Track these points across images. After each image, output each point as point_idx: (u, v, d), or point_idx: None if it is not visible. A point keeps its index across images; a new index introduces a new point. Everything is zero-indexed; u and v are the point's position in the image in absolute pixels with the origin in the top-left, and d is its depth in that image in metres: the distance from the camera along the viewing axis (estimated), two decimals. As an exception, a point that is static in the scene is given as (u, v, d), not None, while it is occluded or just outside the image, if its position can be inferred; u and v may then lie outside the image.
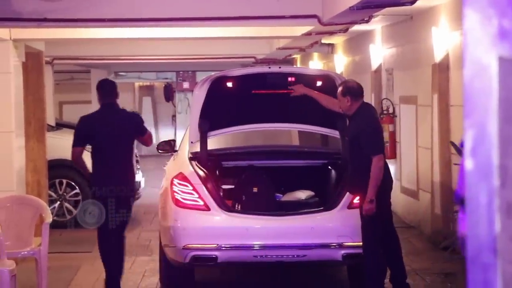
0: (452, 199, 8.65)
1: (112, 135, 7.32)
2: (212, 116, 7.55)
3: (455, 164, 8.71)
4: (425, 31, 10.13)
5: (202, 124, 7.48)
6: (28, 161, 9.94)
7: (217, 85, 7.43)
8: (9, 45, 8.97)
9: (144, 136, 7.49)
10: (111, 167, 7.24)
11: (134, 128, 7.45)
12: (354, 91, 6.83)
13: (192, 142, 7.54)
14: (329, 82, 7.51)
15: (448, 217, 9.02)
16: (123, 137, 7.38)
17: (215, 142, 7.95)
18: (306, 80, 7.56)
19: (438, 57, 9.60)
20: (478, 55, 1.61)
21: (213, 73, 7.79)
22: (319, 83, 7.60)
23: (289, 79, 7.53)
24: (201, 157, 7.57)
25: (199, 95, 7.47)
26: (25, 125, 9.77)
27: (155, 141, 30.87)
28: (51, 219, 7.40)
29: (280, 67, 7.77)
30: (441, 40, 9.51)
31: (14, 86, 9.05)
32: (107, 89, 7.55)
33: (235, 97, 7.68)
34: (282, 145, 8.71)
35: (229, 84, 7.51)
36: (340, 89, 6.91)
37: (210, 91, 7.42)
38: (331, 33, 10.87)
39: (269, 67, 7.74)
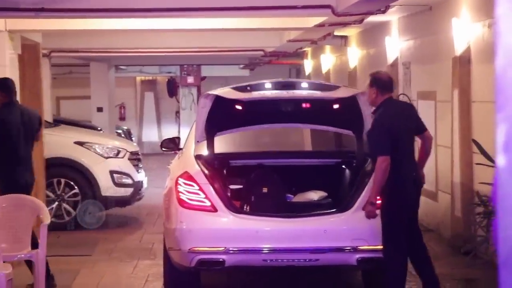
0: (474, 201, 8.62)
1: (20, 133, 7.67)
2: (219, 120, 7.52)
3: (477, 163, 8.68)
4: (445, 23, 10.09)
5: (209, 124, 7.44)
6: (25, 159, 9.92)
7: (223, 103, 7.35)
8: (4, 36, 8.98)
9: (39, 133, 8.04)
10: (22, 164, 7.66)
11: (39, 125, 7.88)
12: (381, 83, 6.85)
13: (198, 142, 7.53)
14: (352, 105, 7.31)
15: (470, 220, 8.99)
16: (30, 134, 7.76)
17: (222, 144, 7.92)
18: (325, 106, 7.49)
19: (458, 50, 9.57)
20: (511, 43, 1.59)
21: (220, 89, 7.50)
22: (339, 106, 7.49)
23: (304, 105, 7.48)
24: (207, 156, 7.56)
25: (204, 109, 7.38)
26: (21, 121, 9.76)
27: (157, 139, 31.01)
28: (49, 221, 7.39)
29: (294, 91, 7.33)
30: (462, 32, 9.47)
31: (10, 79, 9.04)
32: (12, 88, 7.71)
33: (244, 113, 7.64)
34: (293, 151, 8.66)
35: (238, 107, 7.44)
36: (369, 79, 7.00)
37: (216, 105, 7.35)
38: (345, 24, 10.85)
39: (287, 91, 7.31)
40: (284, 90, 7.31)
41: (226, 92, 7.35)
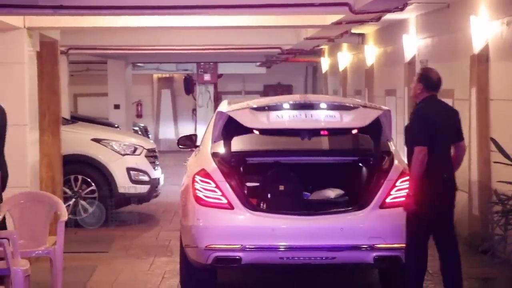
0: (492, 199, 8.59)
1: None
2: (235, 130, 7.56)
3: (495, 162, 8.64)
4: (463, 20, 10.05)
5: (225, 131, 7.47)
6: (42, 156, 9.99)
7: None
8: (23, 33, 9.01)
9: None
10: None
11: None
12: (429, 82, 6.88)
13: (214, 142, 7.53)
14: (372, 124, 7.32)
15: (487, 219, 8.95)
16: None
17: (239, 142, 7.91)
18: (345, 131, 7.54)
19: (477, 48, 9.53)
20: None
21: (237, 105, 7.41)
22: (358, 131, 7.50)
23: (322, 132, 7.45)
24: (224, 153, 7.57)
25: (220, 122, 7.41)
26: (39, 118, 9.82)
27: (174, 136, 31.00)
28: (66, 217, 7.43)
29: (312, 114, 7.21)
30: (480, 30, 9.43)
31: (28, 76, 9.09)
32: None
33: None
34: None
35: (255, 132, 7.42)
36: (419, 73, 7.03)
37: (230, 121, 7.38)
38: (362, 22, 10.81)
39: (305, 114, 7.19)
40: (302, 111, 7.20)
41: (242, 114, 7.21)
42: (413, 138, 6.78)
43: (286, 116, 7.19)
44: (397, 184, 7.14)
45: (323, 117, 7.19)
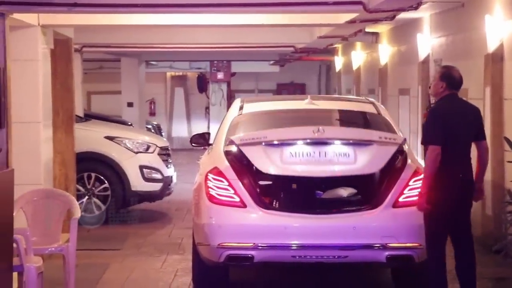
0: (505, 199, 8.56)
1: None
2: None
3: (509, 161, 8.62)
4: (478, 19, 10.03)
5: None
6: (56, 154, 10.03)
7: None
8: (37, 31, 9.04)
9: None
10: None
11: None
12: (452, 80, 6.86)
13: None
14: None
15: (501, 219, 8.93)
16: None
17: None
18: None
19: (491, 47, 9.50)
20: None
21: (248, 136, 7.40)
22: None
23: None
24: (237, 151, 7.57)
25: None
26: (53, 116, 9.86)
27: (187, 134, 31.07)
28: (79, 215, 7.46)
29: (327, 152, 7.20)
30: (495, 29, 9.40)
31: (42, 74, 9.13)
32: None
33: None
34: None
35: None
36: (441, 71, 6.99)
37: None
38: (376, 21, 10.81)
39: (319, 153, 7.19)
40: (316, 148, 7.17)
41: (255, 151, 7.18)
42: (428, 136, 6.78)
43: (299, 155, 7.15)
44: (410, 183, 7.12)
45: (337, 157, 7.15)
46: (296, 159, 7.17)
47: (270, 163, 7.14)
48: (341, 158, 7.17)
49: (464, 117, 6.85)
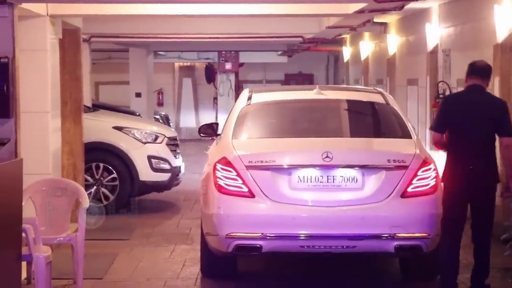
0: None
1: None
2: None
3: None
4: (487, 9, 9.98)
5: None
6: (64, 144, 10.04)
7: None
8: (45, 20, 9.04)
9: None
10: None
11: None
12: (472, 68, 7.03)
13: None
14: None
15: (509, 209, 8.91)
16: None
17: (261, 130, 7.89)
18: None
19: (500, 37, 9.46)
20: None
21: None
22: None
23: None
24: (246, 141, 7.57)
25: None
26: (61, 106, 9.85)
27: (194, 125, 31.09)
28: (88, 204, 7.47)
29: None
30: (504, 19, 9.36)
31: (50, 64, 9.12)
32: None
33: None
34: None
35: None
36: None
37: None
38: (385, 11, 10.77)
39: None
40: (324, 172, 7.09)
41: (263, 176, 7.09)
42: (433, 122, 7.14)
43: (308, 181, 7.08)
44: (419, 173, 7.11)
45: (345, 183, 7.09)
46: (304, 185, 7.10)
47: (279, 193, 7.06)
48: (349, 184, 7.10)
49: (478, 108, 6.90)
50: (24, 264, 6.91)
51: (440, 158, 7.99)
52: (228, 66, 24.58)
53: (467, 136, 6.86)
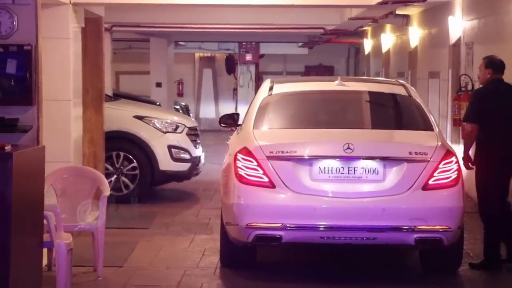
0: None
1: None
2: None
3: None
4: (510, 2, 9.92)
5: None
6: (85, 132, 10.06)
7: None
8: (68, 9, 9.06)
9: None
10: None
11: None
12: (496, 66, 7.75)
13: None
14: None
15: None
16: None
17: (282, 121, 7.89)
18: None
19: (524, 30, 9.41)
20: None
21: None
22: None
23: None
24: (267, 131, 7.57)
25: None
26: (83, 94, 9.87)
27: (214, 116, 31.12)
28: (109, 192, 7.50)
29: None
30: (528, 12, 9.31)
31: (72, 52, 9.15)
32: None
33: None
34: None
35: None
36: (485, 61, 7.82)
37: None
38: (408, 2, 10.75)
39: None
40: (345, 164, 7.12)
41: (284, 166, 7.10)
42: (465, 114, 7.73)
43: (329, 172, 7.09)
44: (440, 166, 7.10)
45: (366, 175, 7.09)
46: (325, 176, 7.10)
47: (299, 183, 7.07)
48: (370, 176, 7.11)
49: (507, 100, 7.69)
50: (45, 251, 6.96)
51: (460, 151, 7.98)
52: (248, 57, 24.59)
53: (498, 125, 7.58)
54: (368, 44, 21.62)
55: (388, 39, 18.56)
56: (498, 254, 7.70)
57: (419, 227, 6.96)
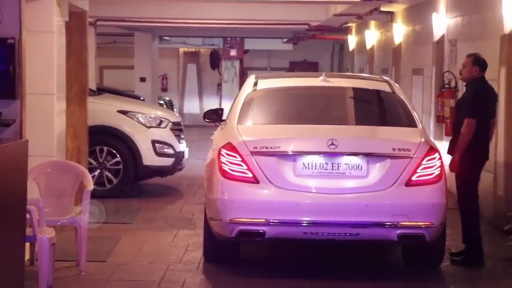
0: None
1: None
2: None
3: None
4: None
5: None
6: (68, 126, 10.03)
7: None
8: (52, 2, 9.02)
9: None
10: None
11: None
12: (483, 64, 7.96)
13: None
14: None
15: (512, 199, 8.95)
16: None
17: (266, 116, 7.89)
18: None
19: (507, 27, 9.45)
20: None
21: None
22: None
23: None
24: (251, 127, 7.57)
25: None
26: (66, 89, 9.85)
27: (198, 111, 31.16)
28: (92, 187, 7.48)
29: None
30: (512, 9, 9.35)
31: (56, 46, 9.10)
32: None
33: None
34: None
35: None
36: (472, 58, 7.96)
37: None
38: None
39: None
40: (329, 159, 7.14)
41: (268, 161, 7.13)
42: (467, 110, 7.69)
43: (312, 168, 7.11)
44: (423, 162, 7.12)
45: (349, 171, 7.11)
46: (308, 172, 7.13)
47: (283, 178, 7.09)
48: (353, 171, 7.13)
49: (493, 97, 8.04)
50: (27, 245, 6.93)
51: (443, 148, 8.02)
52: (233, 52, 24.59)
53: (488, 119, 7.82)
54: (352, 41, 21.66)
55: (372, 36, 18.61)
56: (480, 250, 7.74)
57: (402, 223, 6.99)
